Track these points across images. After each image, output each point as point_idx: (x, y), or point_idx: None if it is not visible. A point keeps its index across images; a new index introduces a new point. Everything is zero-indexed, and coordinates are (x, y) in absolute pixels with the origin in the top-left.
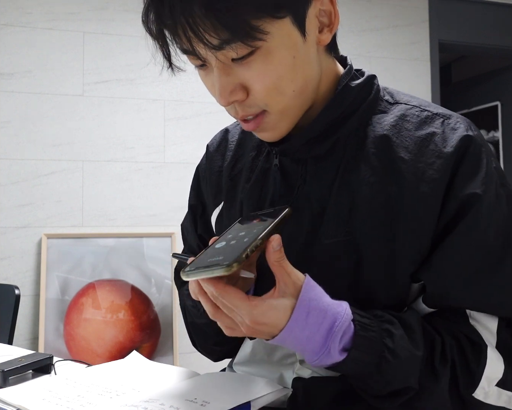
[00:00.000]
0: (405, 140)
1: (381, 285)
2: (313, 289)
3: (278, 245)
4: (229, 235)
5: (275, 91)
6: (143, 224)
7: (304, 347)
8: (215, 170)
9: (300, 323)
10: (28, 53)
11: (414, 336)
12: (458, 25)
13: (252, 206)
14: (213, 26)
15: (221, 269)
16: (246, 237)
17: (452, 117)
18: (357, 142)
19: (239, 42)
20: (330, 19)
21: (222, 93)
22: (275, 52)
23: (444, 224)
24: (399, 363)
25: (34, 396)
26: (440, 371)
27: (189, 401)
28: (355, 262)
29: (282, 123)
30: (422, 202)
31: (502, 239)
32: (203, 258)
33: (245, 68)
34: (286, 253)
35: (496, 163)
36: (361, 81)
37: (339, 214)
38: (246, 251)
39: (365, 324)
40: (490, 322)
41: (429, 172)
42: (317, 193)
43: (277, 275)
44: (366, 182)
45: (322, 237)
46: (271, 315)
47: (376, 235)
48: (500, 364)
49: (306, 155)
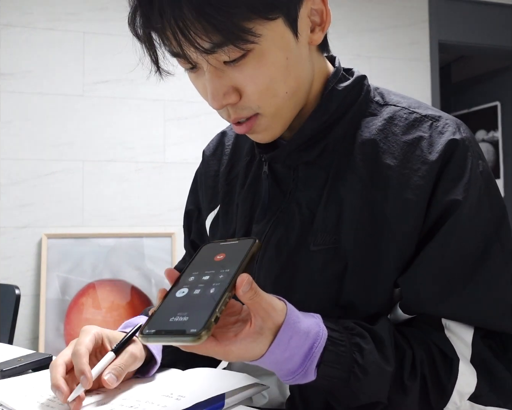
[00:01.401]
0: (391, 146)
1: (365, 292)
2: (294, 311)
3: (247, 287)
4: (191, 277)
5: (268, 93)
6: (143, 224)
7: (281, 367)
8: (211, 174)
9: (282, 346)
10: (28, 53)
11: (385, 350)
12: (458, 25)
13: (246, 211)
14: (204, 29)
15: (188, 340)
16: (211, 287)
17: (441, 119)
18: (346, 148)
19: (231, 45)
20: (322, 18)
21: (215, 96)
22: (268, 54)
23: (426, 231)
24: (369, 379)
25: (17, 392)
26: (409, 386)
27: (165, 396)
28: (341, 270)
29: (275, 124)
30: (407, 209)
31: (481, 247)
32: (164, 314)
33: (237, 71)
34: (276, 256)
35: (484, 166)
36: (349, 83)
37: (327, 222)
38: (215, 313)
39: (335, 339)
40: (466, 334)
41: (413, 179)
42: (307, 199)
43: (253, 311)
44: (353, 190)
45: (311, 244)
46: (247, 355)
47: (361, 244)
48: (472, 378)
49: (296, 162)
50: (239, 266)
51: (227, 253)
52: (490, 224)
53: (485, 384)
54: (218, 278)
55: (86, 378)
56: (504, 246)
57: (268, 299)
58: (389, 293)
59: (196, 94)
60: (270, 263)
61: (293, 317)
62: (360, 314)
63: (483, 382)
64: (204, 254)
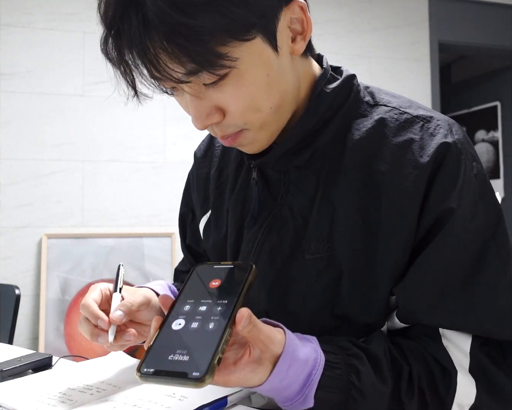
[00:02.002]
0: (383, 150)
1: (361, 301)
2: (293, 340)
3: (246, 323)
4: (186, 305)
5: (252, 110)
6: (143, 224)
7: (279, 394)
8: (202, 177)
9: (281, 375)
10: (28, 53)
11: (381, 371)
12: (458, 25)
13: (236, 217)
14: (178, 58)
15: (190, 384)
16: (210, 321)
17: (433, 120)
18: (337, 151)
19: (206, 72)
20: (303, 26)
21: (198, 118)
22: (247, 74)
23: (420, 239)
24: (366, 401)
25: (15, 393)
26: (406, 403)
27: (168, 396)
28: (336, 278)
29: (261, 137)
30: (399, 215)
31: (477, 253)
32: (161, 350)
33: (218, 92)
34: (269, 264)
35: (478, 168)
36: (338, 84)
37: (320, 229)
38: (217, 354)
39: (331, 362)
40: (464, 342)
41: (405, 184)
42: (300, 204)
43: (251, 343)
44: (346, 196)
45: (305, 253)
46: (246, 384)
47: (355, 252)
48: (471, 389)
49: (286, 166)
50: (237, 298)
51: (223, 279)
52: (485, 229)
53: (485, 393)
54: (217, 311)
55: (102, 320)
56: (500, 251)
57: (267, 332)
58: (385, 301)
59: None
60: (264, 271)
61: (292, 345)
62: (356, 322)
63: (482, 391)
64: (198, 278)
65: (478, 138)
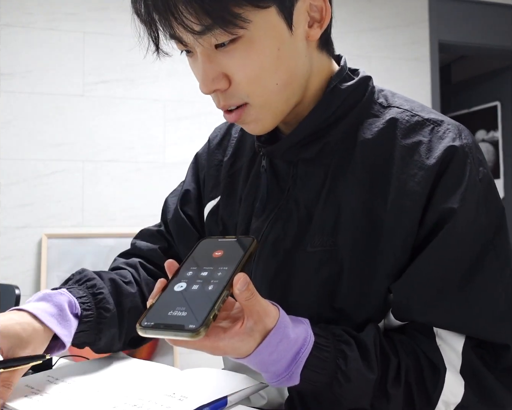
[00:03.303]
0: (391, 150)
1: (359, 296)
2: (285, 317)
3: (243, 286)
4: (189, 271)
5: (257, 82)
6: (143, 224)
7: (266, 368)
8: (214, 163)
9: (270, 348)
10: (28, 53)
11: (369, 358)
12: (458, 25)
13: (248, 206)
14: (196, 12)
15: (186, 335)
16: (209, 284)
17: (443, 123)
18: (347, 148)
19: (220, 29)
20: (321, 15)
21: (204, 80)
22: (258, 42)
23: (421, 238)
24: (351, 385)
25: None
26: (391, 394)
27: (168, 396)
28: (336, 273)
29: (264, 116)
30: (402, 215)
31: (476, 256)
32: (162, 307)
33: (228, 56)
34: (272, 255)
35: (484, 173)
36: (353, 83)
37: (325, 224)
38: (214, 310)
39: (321, 345)
40: (457, 343)
41: (410, 184)
42: (306, 197)
43: (246, 312)
44: (352, 193)
45: (308, 245)
46: (233, 352)
47: (358, 248)
48: (459, 388)
49: (295, 157)
50: (237, 265)
51: (225, 250)
52: (485, 233)
53: (473, 395)
54: (217, 275)
55: None
56: (499, 256)
57: (263, 304)
58: (383, 298)
59: (196, 94)
60: (267, 261)
61: (285, 322)
62: (354, 317)
63: (471, 392)
64: (203, 249)
65: (478, 138)
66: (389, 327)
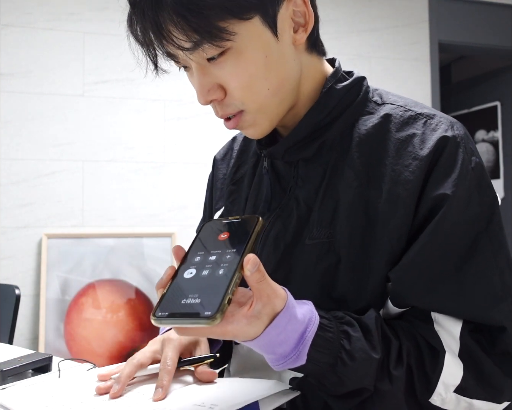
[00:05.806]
0: (386, 144)
1: (358, 286)
2: (292, 298)
3: (254, 267)
4: (197, 257)
5: (250, 89)
6: (143, 224)
7: (274, 350)
8: (219, 177)
9: (279, 329)
10: (28, 53)
11: (372, 339)
12: (458, 25)
13: (252, 207)
14: (184, 29)
15: (203, 322)
16: (220, 268)
17: (436, 117)
18: (344, 145)
19: (208, 43)
20: (305, 19)
21: (200, 92)
22: (246, 52)
23: (417, 226)
24: (355, 365)
25: (36, 401)
26: (394, 375)
27: (197, 405)
28: (334, 264)
29: (261, 120)
30: (397, 205)
31: (470, 241)
32: (175, 295)
33: (219, 68)
34: (273, 250)
35: (476, 163)
36: (348, 83)
37: (323, 217)
38: (228, 295)
39: (324, 325)
40: (454, 327)
41: (405, 174)
42: (305, 195)
43: (256, 295)
44: (350, 187)
45: (306, 238)
46: (241, 335)
47: (355, 239)
48: (458, 370)
49: (294, 158)
50: (245, 246)
51: (231, 231)
52: (479, 219)
53: (472, 378)
54: (226, 259)
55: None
56: (493, 241)
57: (273, 286)
58: (381, 287)
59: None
60: (268, 257)
61: (292, 302)
62: (352, 307)
63: (469, 375)
64: (208, 232)
65: (478, 138)
66: (387, 317)
